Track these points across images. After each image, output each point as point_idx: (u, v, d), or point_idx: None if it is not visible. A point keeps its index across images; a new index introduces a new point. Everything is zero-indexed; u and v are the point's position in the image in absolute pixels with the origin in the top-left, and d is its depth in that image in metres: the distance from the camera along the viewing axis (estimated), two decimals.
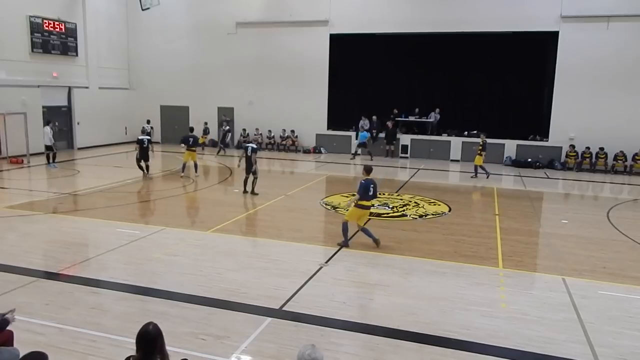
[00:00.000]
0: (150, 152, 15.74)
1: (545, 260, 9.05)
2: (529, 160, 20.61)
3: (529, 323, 6.24)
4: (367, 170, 9.38)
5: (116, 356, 4.61)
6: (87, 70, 22.87)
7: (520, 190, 16.09)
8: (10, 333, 4.48)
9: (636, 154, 19.35)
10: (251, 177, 13.45)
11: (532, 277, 8.19)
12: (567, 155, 20.36)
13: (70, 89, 22.16)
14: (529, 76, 21.23)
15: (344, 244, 9.10)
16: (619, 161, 19.48)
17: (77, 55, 22.15)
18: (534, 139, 21.20)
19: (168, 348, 3.60)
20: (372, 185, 9.03)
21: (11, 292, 6.67)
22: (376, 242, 9.13)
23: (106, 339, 5.48)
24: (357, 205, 9.05)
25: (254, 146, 13.46)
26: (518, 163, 20.68)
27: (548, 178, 18.46)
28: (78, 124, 22.53)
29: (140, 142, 15.57)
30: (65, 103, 22.14)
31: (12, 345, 4.35)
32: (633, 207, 14.01)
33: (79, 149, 22.38)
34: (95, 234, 10.06)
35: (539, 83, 21.21)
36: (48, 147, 17.46)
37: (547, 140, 20.79)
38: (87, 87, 22.87)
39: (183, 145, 15.89)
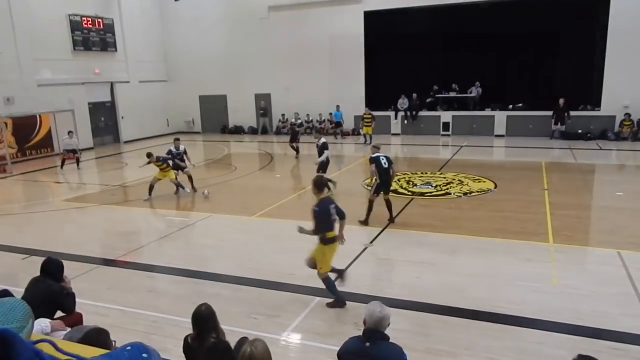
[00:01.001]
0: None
1: (598, 233, 8.75)
2: (580, 131, 19.60)
3: (581, 297, 6.10)
4: (317, 185, 6.11)
5: (175, 334, 4.90)
6: (126, 64, 23.38)
7: (570, 163, 15.50)
8: (80, 315, 4.83)
9: None
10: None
11: (584, 251, 7.96)
12: (621, 125, 19.15)
13: (112, 84, 22.78)
14: (576, 43, 20.03)
15: (339, 304, 6.04)
16: None
17: (116, 50, 22.63)
18: (585, 109, 20.15)
19: (223, 326, 3.79)
20: (332, 206, 5.98)
21: (75, 279, 7.08)
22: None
23: (165, 319, 5.79)
24: (322, 242, 6.05)
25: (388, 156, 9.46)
26: (567, 135, 19.63)
27: (600, 149, 17.65)
28: (122, 118, 23.22)
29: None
30: (108, 98, 22.79)
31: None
32: None
33: (124, 142, 23.16)
34: (146, 222, 10.57)
35: (588, 50, 20.01)
36: (69, 151, 16.49)
37: (599, 110, 19.73)
38: (127, 82, 23.39)
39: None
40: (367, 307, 3.36)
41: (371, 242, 8.32)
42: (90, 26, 21.26)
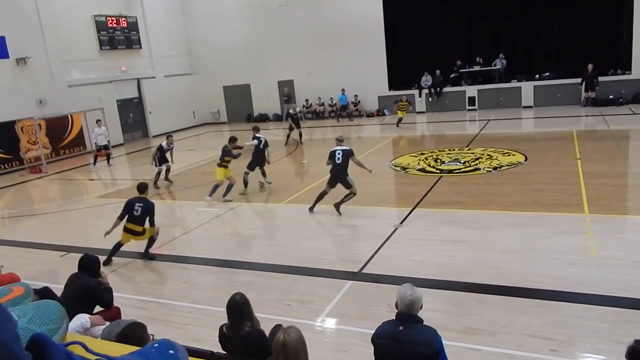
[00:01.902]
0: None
1: (636, 201, 8.44)
2: (611, 97, 18.90)
3: (622, 268, 5.91)
4: (141, 189, 7.79)
5: (211, 324, 4.90)
6: (151, 60, 23.76)
7: (603, 130, 14.99)
8: (118, 309, 4.95)
9: None
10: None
11: (623, 220, 7.72)
12: None
13: (139, 80, 23.19)
14: (602, 5, 19.25)
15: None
16: None
17: (140, 47, 23.04)
18: (615, 74, 19.41)
19: (257, 314, 3.82)
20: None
21: (112, 273, 7.30)
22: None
23: (200, 310, 5.86)
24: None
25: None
26: (598, 102, 18.93)
27: (634, 114, 16.97)
28: (150, 113, 23.64)
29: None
30: (136, 95, 23.24)
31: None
32: None
33: (153, 136, 23.56)
34: (178, 214, 10.76)
35: (615, 11, 19.22)
36: (104, 147, 16.73)
37: (630, 73, 18.98)
38: (153, 77, 23.82)
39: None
40: (399, 290, 3.32)
41: (401, 223, 8.25)
42: (115, 25, 21.68)
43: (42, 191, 14.69)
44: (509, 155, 12.47)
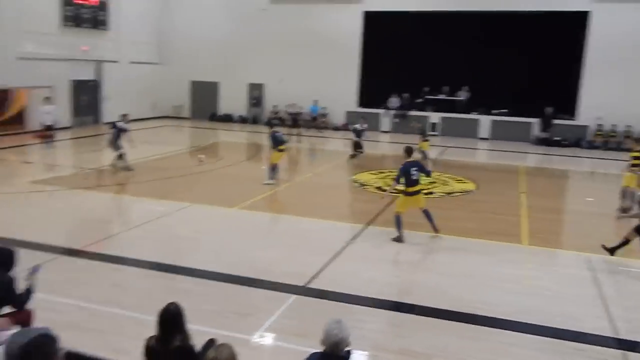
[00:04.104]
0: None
1: (570, 237, 8.96)
2: (557, 138, 20.37)
3: (552, 299, 6.27)
4: (407, 151, 8.44)
5: (138, 334, 4.26)
6: (118, 44, 22.62)
7: (546, 168, 15.85)
8: (29, 312, 4.39)
9: None
10: None
11: (556, 253, 8.22)
12: (594, 134, 20.16)
13: (99, 62, 21.92)
14: (558, 56, 20.61)
15: (399, 239, 8.15)
16: None
17: (108, 29, 21.91)
18: (562, 118, 20.83)
19: (191, 326, 3.59)
20: (413, 169, 8.14)
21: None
22: (435, 229, 8.41)
23: (128, 317, 5.39)
24: (404, 193, 8.30)
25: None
26: (545, 141, 20.40)
27: (575, 157, 18.06)
28: (107, 98, 22.29)
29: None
30: (93, 77, 21.90)
31: (29, 325, 4.16)
32: None
33: (105, 123, 21.84)
34: (119, 210, 10.09)
35: (568, 63, 20.69)
36: (48, 127, 16.10)
37: (575, 119, 20.35)
38: (116, 62, 22.60)
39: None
40: (326, 325, 3.08)
41: (353, 239, 8.33)
42: (84, 2, 20.46)
43: None
44: (462, 182, 12.88)
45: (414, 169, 8.19)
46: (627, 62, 19.00)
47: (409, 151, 8.45)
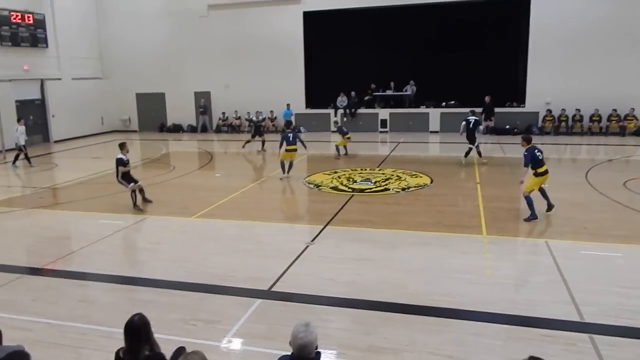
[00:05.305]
0: None
1: (527, 224, 9.20)
2: (507, 127, 20.76)
3: (514, 287, 6.38)
4: (527, 140, 9.57)
5: (107, 347, 4.59)
6: (58, 61, 22.22)
7: (499, 157, 16.29)
8: None
9: (610, 115, 19.67)
10: None
11: (515, 242, 8.36)
12: (544, 120, 20.59)
13: (42, 81, 21.51)
14: (503, 44, 21.12)
15: (532, 217, 9.08)
16: (595, 122, 19.83)
17: (47, 46, 21.48)
18: (511, 106, 21.36)
19: (158, 336, 3.60)
20: (537, 151, 9.30)
21: None
22: (550, 206, 9.35)
23: (96, 331, 5.45)
24: (534, 175, 9.27)
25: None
26: (496, 130, 20.78)
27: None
28: (53, 116, 21.89)
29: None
30: (38, 96, 21.51)
31: None
32: (609, 167, 14.30)
33: (55, 142, 21.82)
34: (77, 226, 9.95)
35: (514, 50, 21.21)
36: (20, 147, 15.98)
37: (524, 106, 20.99)
38: (59, 79, 22.23)
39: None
40: (294, 328, 3.03)
41: (312, 241, 8.29)
42: (20, 21, 20.08)
43: None
44: (416, 177, 13.09)
45: (537, 151, 9.34)
46: (567, 46, 19.65)
47: (528, 139, 9.57)
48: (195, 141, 21.76)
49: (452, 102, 21.95)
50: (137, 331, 3.37)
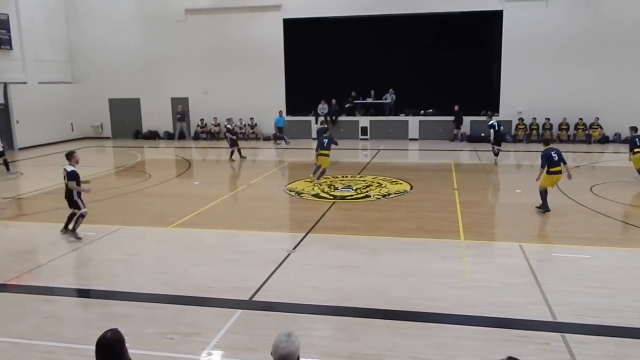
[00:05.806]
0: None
1: (502, 229, 9.39)
2: (482, 135, 21.10)
3: (492, 290, 6.47)
4: (545, 142, 10.62)
5: None
6: (23, 64, 21.35)
7: (475, 164, 16.60)
8: None
9: (577, 124, 20.41)
10: None
11: (491, 246, 8.52)
12: (516, 128, 21.26)
13: (6, 85, 20.58)
14: (478, 54, 21.69)
15: (544, 209, 9.90)
16: (563, 131, 20.54)
17: (11, 48, 20.63)
18: (486, 114, 21.75)
19: (134, 351, 3.46)
20: (553, 153, 10.03)
21: None
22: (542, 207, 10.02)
23: (65, 349, 5.18)
24: (547, 173, 9.99)
25: None
26: (472, 138, 21.29)
27: (501, 151, 18.97)
28: (17, 122, 20.92)
29: None
30: (1, 101, 20.55)
31: None
32: (577, 173, 14.49)
33: (19, 149, 20.81)
34: (45, 239, 9.36)
35: (488, 60, 21.82)
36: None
37: (498, 115, 21.44)
38: (25, 83, 21.35)
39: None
40: (276, 337, 2.95)
41: (294, 248, 8.25)
42: None
43: None
44: (396, 183, 13.19)
45: (553, 152, 10.13)
46: (538, 56, 20.29)
47: (546, 142, 10.67)
48: (173, 148, 21.46)
49: (430, 110, 22.33)
50: (111, 348, 3.16)
